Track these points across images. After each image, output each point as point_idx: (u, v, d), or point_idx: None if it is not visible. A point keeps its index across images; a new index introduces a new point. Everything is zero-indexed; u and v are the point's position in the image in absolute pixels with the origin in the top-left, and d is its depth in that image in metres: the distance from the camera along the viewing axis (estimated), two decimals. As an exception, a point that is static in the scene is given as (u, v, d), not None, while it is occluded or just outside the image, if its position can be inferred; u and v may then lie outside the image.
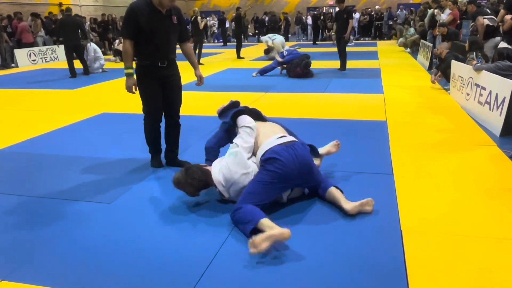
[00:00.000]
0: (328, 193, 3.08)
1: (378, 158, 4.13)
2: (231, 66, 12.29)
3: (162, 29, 3.63)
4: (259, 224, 2.62)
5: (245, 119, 3.26)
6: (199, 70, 4.05)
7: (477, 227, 2.78)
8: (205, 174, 3.07)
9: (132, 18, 3.54)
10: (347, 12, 10.09)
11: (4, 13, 16.47)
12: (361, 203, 2.94)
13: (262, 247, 2.43)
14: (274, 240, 2.48)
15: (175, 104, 3.97)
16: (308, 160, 3.04)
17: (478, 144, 4.52)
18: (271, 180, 2.86)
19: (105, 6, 23.37)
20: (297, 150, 2.98)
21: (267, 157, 2.92)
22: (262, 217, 2.65)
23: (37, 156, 4.52)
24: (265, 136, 3.12)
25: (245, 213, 2.72)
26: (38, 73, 12.01)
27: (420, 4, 18.48)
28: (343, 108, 6.40)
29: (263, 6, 28.83)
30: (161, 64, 3.72)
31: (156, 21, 3.58)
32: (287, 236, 2.49)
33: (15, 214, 3.16)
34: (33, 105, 7.33)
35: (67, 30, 10.50)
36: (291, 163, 2.90)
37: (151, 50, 3.66)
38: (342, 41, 10.23)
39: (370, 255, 2.49)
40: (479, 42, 7.14)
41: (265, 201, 2.88)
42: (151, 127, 3.96)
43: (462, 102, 6.25)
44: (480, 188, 3.39)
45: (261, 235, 2.48)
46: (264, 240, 2.45)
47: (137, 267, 2.43)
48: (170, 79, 3.84)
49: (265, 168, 2.90)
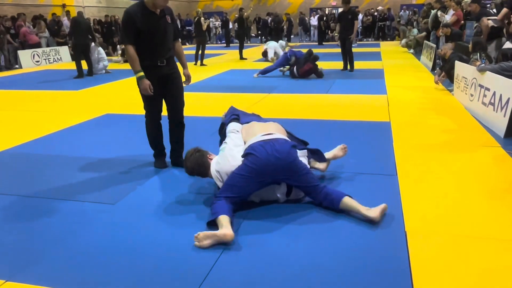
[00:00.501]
0: (342, 203, 2.99)
1: (382, 159, 4.13)
2: (234, 67, 12.30)
3: (159, 29, 3.73)
4: (217, 220, 2.78)
5: (230, 125, 3.51)
6: (188, 69, 4.09)
7: (481, 228, 2.77)
8: (205, 167, 3.23)
9: (130, 23, 3.63)
10: (352, 13, 10.07)
11: (8, 14, 16.55)
12: (382, 209, 2.90)
13: (204, 243, 2.61)
14: (217, 240, 2.63)
15: (178, 102, 4.00)
16: (286, 155, 3.01)
17: (482, 145, 4.51)
18: (247, 174, 2.97)
19: (108, 7, 23.42)
20: (275, 145, 3.03)
21: (245, 152, 3.07)
22: (222, 213, 2.80)
23: (41, 157, 4.54)
24: (251, 134, 3.25)
25: (215, 206, 2.90)
26: (41, 74, 12.05)
27: (424, 5, 18.48)
28: (346, 109, 6.39)
29: (265, 7, 28.84)
30: (160, 63, 3.80)
31: (152, 22, 3.68)
32: (229, 238, 2.63)
33: (20, 214, 3.17)
34: (37, 106, 7.35)
35: (79, 30, 10.70)
36: (265, 158, 2.96)
37: (150, 50, 3.74)
38: (347, 42, 10.20)
39: (375, 256, 2.48)
40: (483, 43, 7.12)
41: (242, 193, 3.01)
42: (152, 125, 4.04)
43: (466, 103, 6.23)
44: (484, 189, 3.38)
45: (206, 232, 2.65)
46: (207, 237, 2.63)
47: (141, 268, 2.43)
48: (171, 77, 3.90)
49: (244, 163, 3.03)
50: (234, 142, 3.28)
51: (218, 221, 2.76)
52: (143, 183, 3.72)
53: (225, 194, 2.97)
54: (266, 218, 3.00)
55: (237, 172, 3.02)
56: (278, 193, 3.18)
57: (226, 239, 2.63)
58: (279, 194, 3.18)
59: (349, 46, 10.30)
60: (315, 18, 23.00)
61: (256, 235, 2.77)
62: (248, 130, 3.35)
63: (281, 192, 3.18)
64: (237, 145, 3.24)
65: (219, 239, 2.63)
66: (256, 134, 3.21)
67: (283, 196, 3.19)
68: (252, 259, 2.49)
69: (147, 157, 4.30)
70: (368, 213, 2.88)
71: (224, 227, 2.69)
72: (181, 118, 4.06)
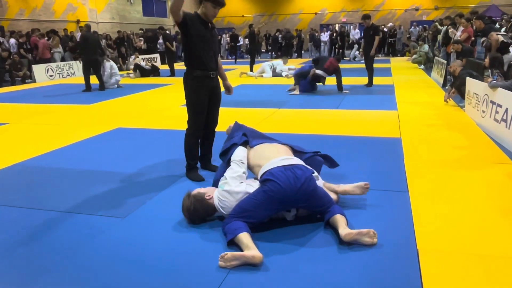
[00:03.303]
0: (332, 219, 2.92)
1: (393, 175, 4.09)
2: (244, 82, 12.37)
3: (210, 39, 3.90)
4: (236, 238, 2.69)
5: (235, 153, 3.31)
6: (228, 81, 4.34)
7: (494, 247, 2.72)
8: (206, 208, 3.09)
9: (189, 17, 3.74)
10: (373, 29, 10.14)
11: (23, 30, 16.92)
12: (359, 232, 2.74)
13: (231, 263, 2.50)
14: (245, 261, 2.51)
15: (216, 114, 4.25)
16: (308, 184, 2.89)
17: (494, 162, 4.45)
18: (264, 200, 2.83)
19: (121, 23, 23.85)
20: (297, 173, 2.89)
21: (265, 178, 2.92)
22: (242, 231, 2.70)
23: (53, 170, 4.58)
24: (267, 158, 3.11)
25: (233, 224, 2.79)
26: (55, 88, 12.23)
27: (434, 21, 18.52)
28: (357, 124, 6.38)
29: (276, 23, 29.12)
30: (212, 75, 3.97)
31: (204, 31, 3.85)
32: (258, 261, 2.52)
33: (30, 227, 3.19)
34: (50, 120, 7.45)
35: (87, 45, 10.93)
36: (288, 186, 2.82)
37: (202, 60, 3.88)
38: (369, 58, 10.29)
39: (387, 274, 2.44)
40: (501, 58, 7.02)
41: (253, 219, 2.85)
42: (194, 137, 4.11)
43: (477, 119, 6.19)
44: (497, 207, 3.33)
45: (234, 252, 2.53)
46: (235, 258, 2.51)
47: (149, 284, 2.42)
48: (216, 91, 4.10)
49: (262, 188, 2.89)
50: (235, 182, 3.06)
51: (239, 240, 2.66)
52: (153, 197, 3.73)
53: (237, 216, 2.85)
54: (275, 237, 2.91)
55: (253, 197, 2.89)
56: (286, 214, 3.09)
57: (255, 261, 2.51)
58: (286, 215, 3.09)
59: (369, 62, 10.36)
60: (325, 34, 23.14)
61: (266, 257, 2.64)
62: (260, 153, 3.23)
63: (291, 213, 3.10)
64: (238, 179, 3.09)
65: (247, 261, 2.51)
66: (271, 158, 3.08)
67: (291, 216, 3.11)
68: (262, 278, 2.46)
69: (158, 171, 4.31)
70: (341, 230, 2.78)
71: (251, 248, 2.57)
72: (215, 128, 4.31)
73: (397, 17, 27.32)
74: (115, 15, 23.80)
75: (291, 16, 29.85)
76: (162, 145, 5.44)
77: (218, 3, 3.76)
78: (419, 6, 27.35)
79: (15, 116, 7.90)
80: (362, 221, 3.11)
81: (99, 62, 11.36)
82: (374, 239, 2.75)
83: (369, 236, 2.75)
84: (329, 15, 29.28)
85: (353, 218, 3.15)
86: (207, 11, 3.78)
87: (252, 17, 30.17)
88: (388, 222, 3.10)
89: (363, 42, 10.87)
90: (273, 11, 30.10)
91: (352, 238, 2.73)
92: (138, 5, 25.88)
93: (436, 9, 26.60)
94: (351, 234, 2.73)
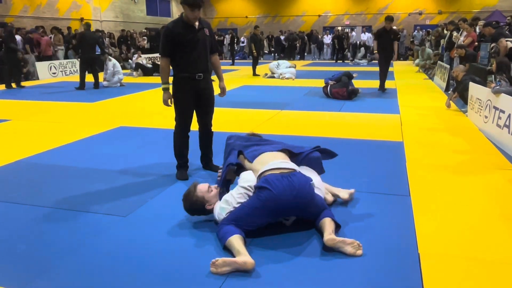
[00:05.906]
0: (321, 222, 2.85)
1: (394, 179, 4.09)
2: (247, 83, 12.37)
3: (197, 42, 3.91)
4: (227, 243, 2.66)
5: (245, 177, 3.11)
6: (223, 82, 4.32)
7: (495, 252, 2.72)
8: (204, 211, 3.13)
9: (169, 38, 3.87)
10: (393, 33, 9.81)
11: (27, 27, 16.96)
12: (343, 240, 2.67)
13: (222, 269, 2.46)
14: (236, 268, 2.48)
15: (208, 113, 4.28)
16: (306, 193, 2.83)
17: (496, 167, 4.45)
18: (259, 207, 2.77)
19: (125, 22, 23.89)
20: (294, 181, 2.81)
21: (260, 185, 2.84)
22: (231, 235, 2.66)
23: (54, 167, 4.58)
24: (263, 163, 3.05)
25: (224, 231, 2.75)
26: (57, 86, 12.24)
27: (437, 25, 18.51)
28: (359, 127, 6.37)
29: (279, 25, 29.12)
30: (197, 77, 3.98)
31: (190, 35, 3.87)
32: (249, 267, 2.48)
33: (31, 224, 3.20)
34: (52, 117, 7.46)
35: (85, 44, 10.98)
36: (283, 195, 2.74)
37: (188, 62, 3.93)
38: (388, 62, 10.01)
39: (388, 279, 2.44)
40: (508, 63, 6.98)
41: (248, 226, 2.80)
42: (181, 137, 4.19)
43: (480, 125, 6.18)
44: (498, 212, 3.32)
45: (225, 258, 2.50)
46: (226, 264, 2.47)
47: (150, 282, 2.42)
48: (205, 92, 4.11)
49: (258, 196, 2.81)
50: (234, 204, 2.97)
51: (230, 245, 2.63)
52: (154, 195, 3.73)
53: (230, 223, 2.80)
54: (272, 243, 2.85)
55: (247, 204, 2.84)
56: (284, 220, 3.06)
57: (247, 267, 2.47)
58: (284, 221, 3.06)
59: (387, 66, 10.09)
60: (328, 36, 23.14)
61: (263, 265, 2.59)
62: (259, 158, 3.18)
63: (291, 219, 3.07)
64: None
65: (239, 267, 2.47)
66: (268, 162, 3.02)
67: (290, 220, 3.08)
68: (262, 278, 2.46)
69: (160, 170, 4.32)
70: (325, 235, 2.73)
71: (242, 254, 2.54)
72: (210, 128, 4.34)
73: (400, 20, 27.29)
74: (119, 13, 23.84)
75: (294, 18, 29.84)
76: (164, 144, 5.44)
77: (193, 5, 3.75)
78: (423, 10, 27.33)
79: (18, 113, 7.91)
80: (363, 225, 3.10)
81: (96, 60, 11.40)
82: (358, 251, 2.66)
83: (353, 247, 2.67)
84: (333, 17, 29.27)
85: (354, 222, 3.15)
86: (187, 14, 3.82)
87: (256, 18, 30.19)
88: (389, 226, 3.09)
89: (375, 45, 10.30)
90: (276, 13, 30.09)
91: (334, 244, 2.67)
92: (142, 4, 25.93)
93: (439, 13, 26.59)
94: (334, 240, 2.67)
